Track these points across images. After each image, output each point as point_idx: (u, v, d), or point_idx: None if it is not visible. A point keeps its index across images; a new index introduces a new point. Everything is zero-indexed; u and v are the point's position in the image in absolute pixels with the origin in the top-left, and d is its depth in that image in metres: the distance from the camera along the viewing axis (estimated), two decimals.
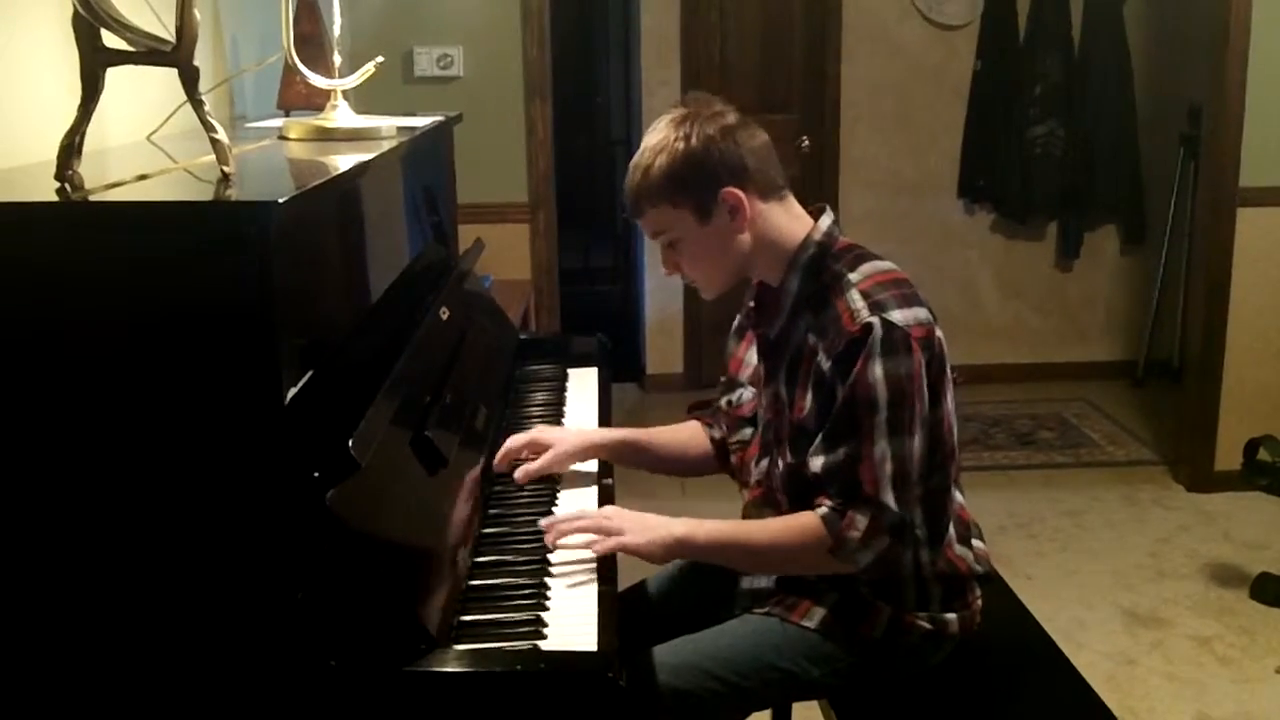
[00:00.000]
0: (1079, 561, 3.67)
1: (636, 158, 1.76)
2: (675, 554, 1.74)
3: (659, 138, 1.74)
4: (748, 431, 1.91)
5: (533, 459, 1.94)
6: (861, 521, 1.64)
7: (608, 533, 1.69)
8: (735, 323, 1.98)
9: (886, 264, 1.74)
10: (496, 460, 1.95)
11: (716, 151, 1.70)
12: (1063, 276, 5.41)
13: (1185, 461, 4.25)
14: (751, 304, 1.89)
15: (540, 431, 2.00)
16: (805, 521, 1.69)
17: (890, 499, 1.63)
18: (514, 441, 1.97)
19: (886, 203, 5.10)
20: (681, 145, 1.70)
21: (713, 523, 1.75)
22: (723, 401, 1.98)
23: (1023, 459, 4.54)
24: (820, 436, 1.68)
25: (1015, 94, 5.11)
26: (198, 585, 1.30)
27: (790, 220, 1.77)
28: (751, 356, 1.92)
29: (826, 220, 1.78)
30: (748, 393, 1.93)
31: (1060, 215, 5.30)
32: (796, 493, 1.74)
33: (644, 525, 1.71)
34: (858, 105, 5.14)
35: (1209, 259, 4.08)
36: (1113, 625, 3.27)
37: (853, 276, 1.70)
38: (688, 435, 2.05)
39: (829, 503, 1.66)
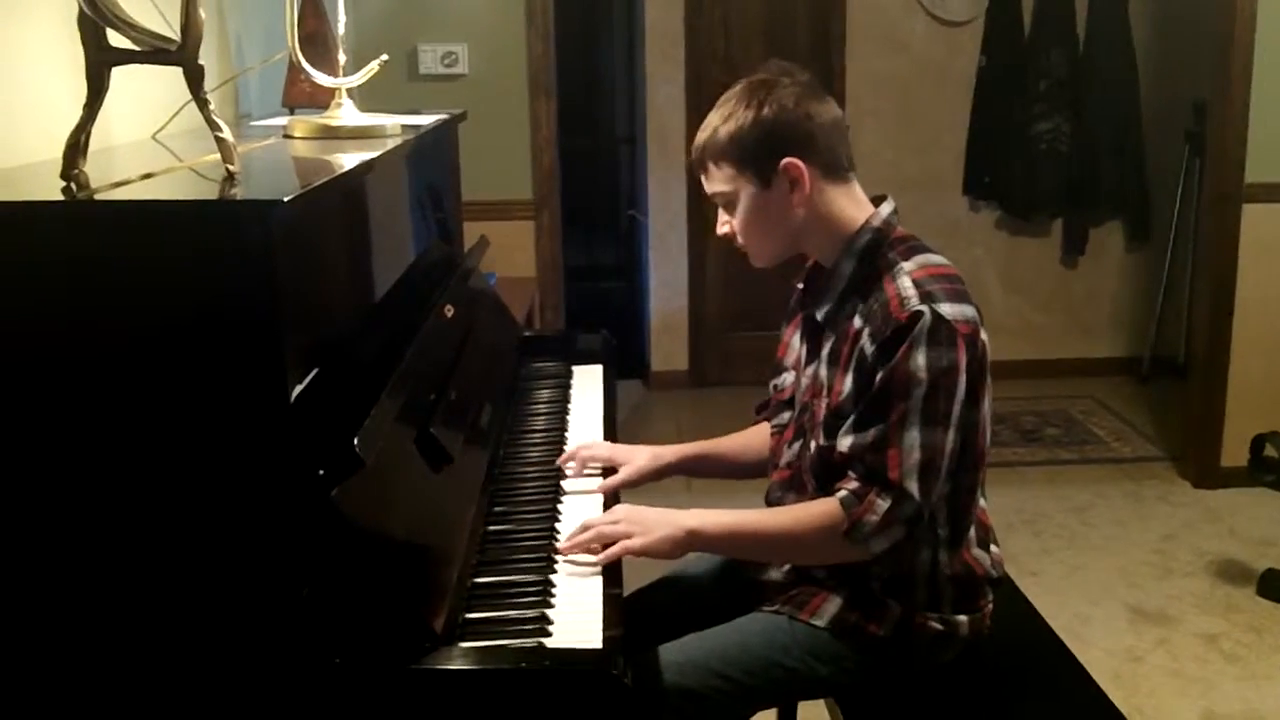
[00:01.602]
0: (1085, 558, 3.67)
1: (709, 116, 1.77)
2: (686, 548, 1.72)
3: (734, 100, 1.74)
4: (786, 415, 1.90)
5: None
6: (881, 506, 1.63)
7: (612, 539, 1.68)
8: (790, 305, 1.97)
9: (941, 258, 1.74)
10: (565, 462, 2.00)
11: (788, 121, 1.70)
12: (1068, 273, 5.40)
13: (1191, 458, 4.24)
14: (801, 285, 1.89)
15: (614, 449, 2.04)
16: (821, 508, 1.68)
17: (914, 488, 1.62)
18: (589, 452, 2.01)
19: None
20: (753, 112, 1.71)
21: (722, 512, 1.74)
22: (770, 386, 1.97)
23: (1028, 456, 4.54)
24: (853, 418, 1.67)
25: (1020, 90, 5.11)
26: (204, 583, 1.30)
27: (851, 203, 1.77)
28: (796, 340, 1.91)
29: (887, 208, 1.78)
30: (790, 376, 1.92)
31: (1065, 212, 5.29)
32: (824, 475, 1.73)
33: (649, 524, 1.70)
34: (862, 101, 5.13)
35: (1214, 255, 4.07)
36: (1119, 622, 3.27)
37: (906, 265, 1.70)
38: (756, 437, 2.04)
39: (851, 485, 1.66)
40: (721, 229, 1.82)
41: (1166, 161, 5.16)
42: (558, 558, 1.67)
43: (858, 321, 1.70)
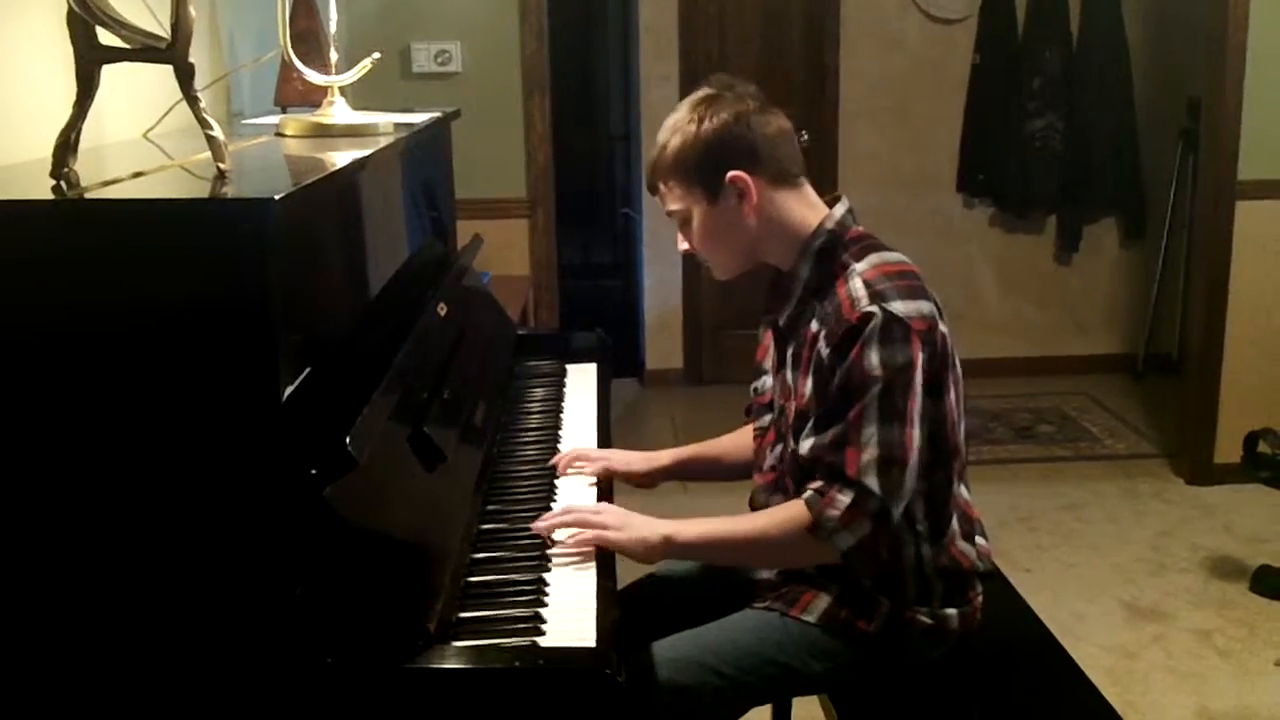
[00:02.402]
0: (1079, 555, 3.67)
1: (658, 135, 1.80)
2: (661, 554, 1.73)
3: (678, 117, 1.77)
4: (768, 418, 1.92)
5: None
6: (842, 501, 1.63)
7: (592, 526, 1.69)
8: (762, 312, 1.98)
9: (895, 255, 1.74)
10: (559, 463, 1.99)
11: (729, 135, 1.73)
12: (1062, 270, 5.41)
13: (1185, 454, 4.25)
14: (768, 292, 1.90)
15: (610, 454, 2.04)
16: (788, 510, 1.69)
17: (874, 483, 1.62)
18: (583, 453, 2.01)
19: (886, 197, 5.09)
20: (695, 127, 1.74)
21: (699, 521, 1.75)
22: (751, 389, 1.99)
23: (1022, 453, 4.54)
24: (812, 421, 1.68)
25: (1014, 88, 5.11)
26: (196, 582, 1.30)
27: (804, 207, 1.78)
28: (772, 344, 1.92)
29: (841, 209, 1.79)
30: (769, 380, 1.93)
31: (1060, 209, 5.30)
32: (800, 478, 1.74)
33: (628, 523, 1.71)
34: (857, 100, 5.13)
35: (1208, 252, 4.08)
36: (1113, 619, 3.27)
37: (858, 266, 1.70)
38: (746, 438, 2.05)
39: (815, 485, 1.66)
40: (682, 246, 1.84)
41: (1160, 158, 5.17)
42: (551, 556, 1.67)
43: (814, 325, 1.72)
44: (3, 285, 1.24)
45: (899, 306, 1.64)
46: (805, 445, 1.68)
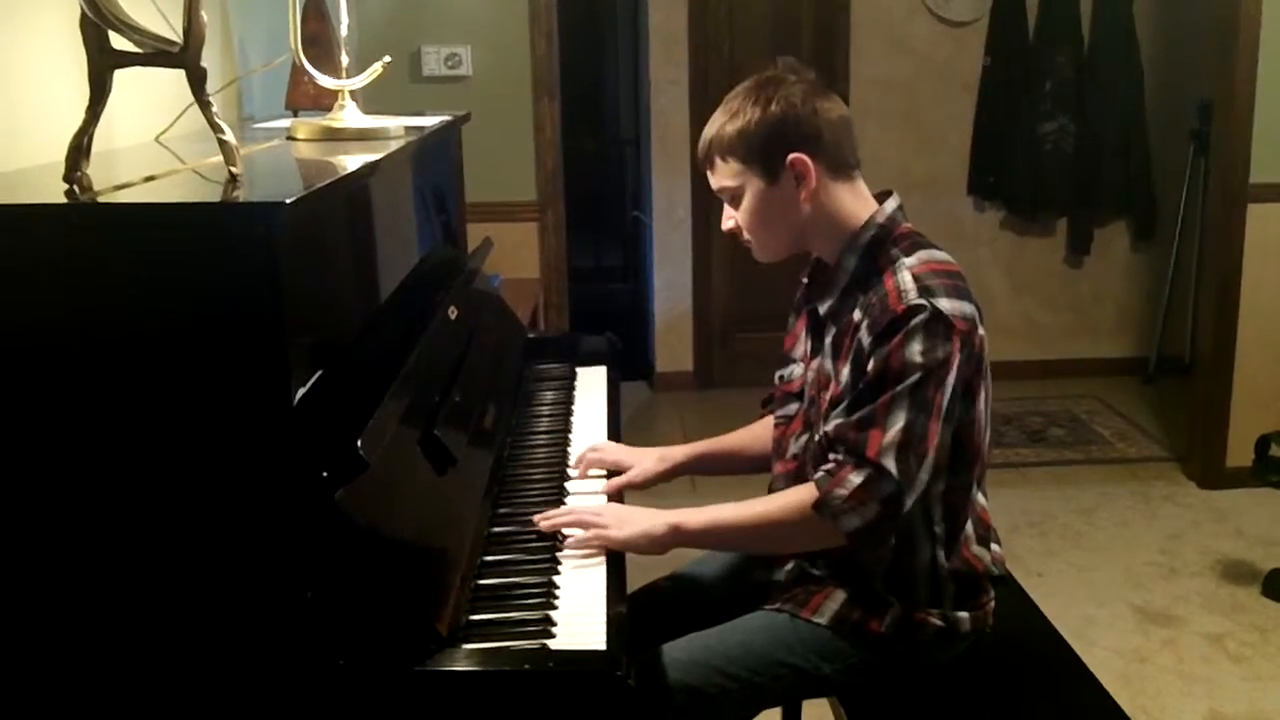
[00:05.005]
0: (1090, 559, 3.66)
1: (716, 112, 1.78)
2: (669, 543, 1.72)
3: (742, 96, 1.75)
4: (793, 407, 1.91)
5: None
6: (853, 481, 1.62)
7: (591, 527, 1.70)
8: (796, 298, 1.98)
9: (944, 255, 1.74)
10: (575, 467, 2.01)
11: (795, 117, 1.72)
12: (1073, 273, 5.40)
13: (1197, 458, 4.24)
14: (806, 280, 1.89)
15: (622, 451, 2.04)
16: (796, 494, 1.69)
17: (892, 465, 1.61)
18: (597, 455, 2.02)
19: None
20: (761, 108, 1.72)
21: (705, 508, 1.75)
22: (776, 377, 1.98)
23: (1033, 456, 4.53)
24: (844, 404, 1.68)
25: (1025, 90, 5.11)
26: (207, 585, 1.31)
27: (855, 200, 1.78)
28: (804, 333, 1.92)
29: (892, 204, 1.79)
30: (798, 369, 1.92)
31: (1070, 211, 5.29)
32: (820, 462, 1.73)
33: (629, 519, 1.72)
34: (866, 102, 5.12)
35: (1219, 255, 4.07)
36: (1124, 623, 3.26)
37: (908, 260, 1.70)
38: (762, 431, 2.04)
39: (826, 466, 1.66)
40: (726, 224, 1.83)
41: (1171, 161, 5.15)
42: (562, 558, 1.67)
43: (858, 314, 1.71)
44: (15, 288, 1.25)
45: (945, 304, 1.64)
46: (831, 425, 1.68)
